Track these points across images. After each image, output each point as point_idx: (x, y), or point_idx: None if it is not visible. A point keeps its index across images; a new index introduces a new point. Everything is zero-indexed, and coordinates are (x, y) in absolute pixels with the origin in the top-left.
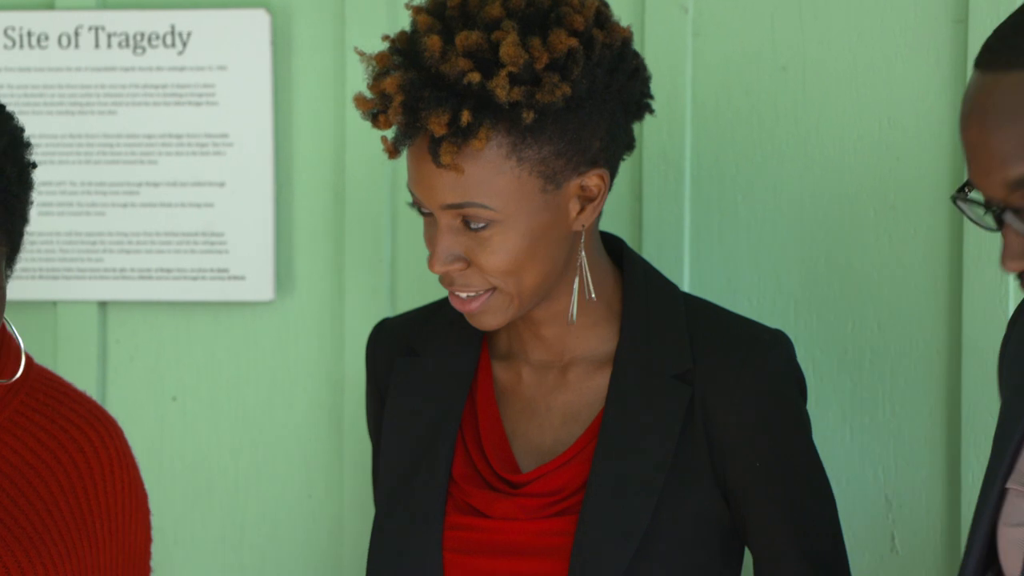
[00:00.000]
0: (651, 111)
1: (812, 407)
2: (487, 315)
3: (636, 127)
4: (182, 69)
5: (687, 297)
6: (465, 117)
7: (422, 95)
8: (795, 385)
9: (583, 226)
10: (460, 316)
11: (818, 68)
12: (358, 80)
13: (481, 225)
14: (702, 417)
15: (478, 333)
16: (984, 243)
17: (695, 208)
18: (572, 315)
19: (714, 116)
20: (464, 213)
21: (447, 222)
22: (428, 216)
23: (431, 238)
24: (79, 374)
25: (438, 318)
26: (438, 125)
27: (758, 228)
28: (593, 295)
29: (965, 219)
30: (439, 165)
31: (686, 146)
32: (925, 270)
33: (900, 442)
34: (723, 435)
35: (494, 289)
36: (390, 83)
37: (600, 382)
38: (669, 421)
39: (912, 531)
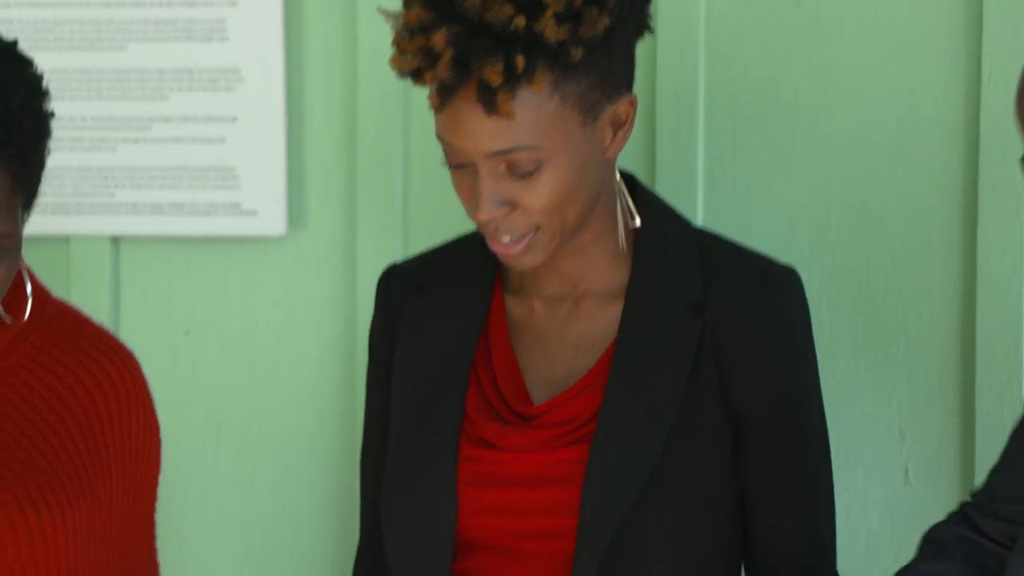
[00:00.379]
0: (651, 30)
1: (826, 342)
2: (530, 255)
3: (650, 65)
4: (193, 4)
5: (699, 231)
6: (520, 63)
7: (471, 47)
8: (806, 320)
9: (615, 153)
10: (469, 254)
11: (832, 3)
12: (370, 14)
13: (528, 168)
14: (713, 348)
15: (490, 269)
16: (999, 178)
17: (709, 145)
18: (621, 243)
19: (728, 52)
20: (510, 158)
21: (490, 168)
22: (460, 168)
23: (468, 188)
24: (92, 309)
25: (448, 258)
26: (494, 74)
27: (772, 164)
28: (637, 219)
29: (980, 153)
30: (493, 114)
31: (699, 83)
32: (939, 204)
33: (914, 376)
34: (734, 366)
35: (537, 229)
36: (439, 39)
37: (612, 314)
38: (681, 352)
39: (926, 463)
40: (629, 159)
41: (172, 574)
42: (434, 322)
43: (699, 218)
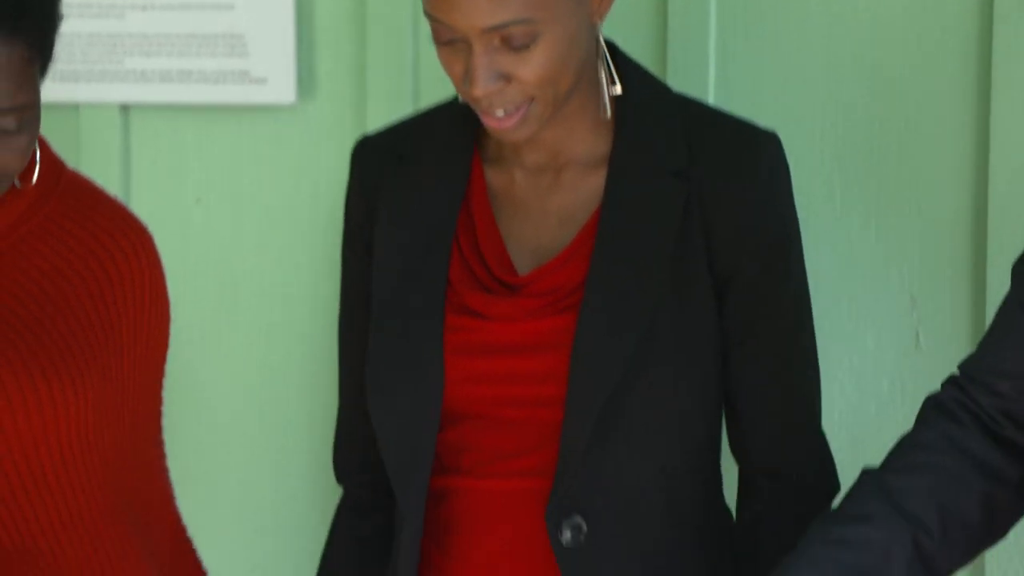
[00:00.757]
0: None
1: (838, 208)
2: (525, 127)
3: None
4: None
5: (681, 97)
6: None
7: None
8: (788, 184)
9: (601, 17)
10: (446, 124)
11: None
12: None
13: (523, 41)
14: (698, 213)
15: (468, 138)
16: (1013, 40)
17: (721, 11)
18: (604, 110)
19: None
20: (505, 33)
21: (485, 44)
22: (450, 44)
23: (459, 64)
24: (102, 178)
25: (424, 128)
26: None
27: (785, 28)
28: (617, 87)
29: (994, 14)
30: None
31: None
32: (953, 68)
33: (926, 241)
34: (719, 230)
35: (531, 101)
36: None
37: (595, 183)
38: (666, 217)
39: (936, 329)
40: (639, 40)
41: (183, 441)
42: (414, 192)
43: (711, 83)
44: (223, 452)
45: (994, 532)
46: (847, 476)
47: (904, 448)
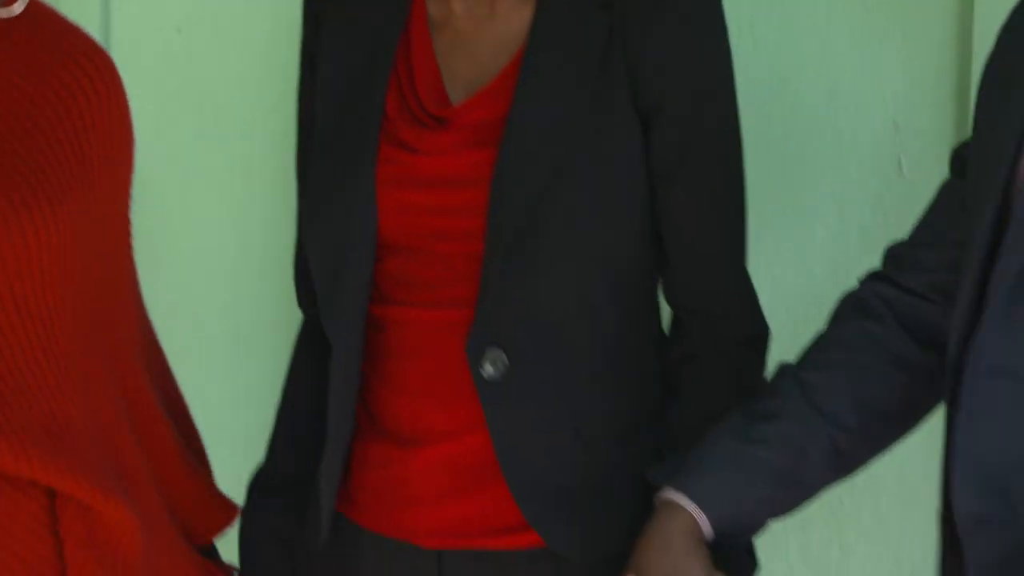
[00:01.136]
0: None
1: (823, 33)
2: None
3: None
4: None
5: None
6: None
7: None
8: (718, 14)
9: None
10: None
11: None
12: None
13: None
14: (622, 46)
15: None
16: None
17: None
18: None
19: None
20: None
21: None
22: None
23: None
24: (81, 5)
25: None
26: None
27: None
28: None
29: None
30: None
31: None
32: None
33: (910, 68)
34: (642, 61)
35: None
36: None
37: (527, 14)
38: (589, 50)
39: (920, 155)
40: None
41: (156, 267)
42: (354, 23)
43: None
44: (203, 281)
45: (908, 425)
46: (830, 304)
47: (822, 344)
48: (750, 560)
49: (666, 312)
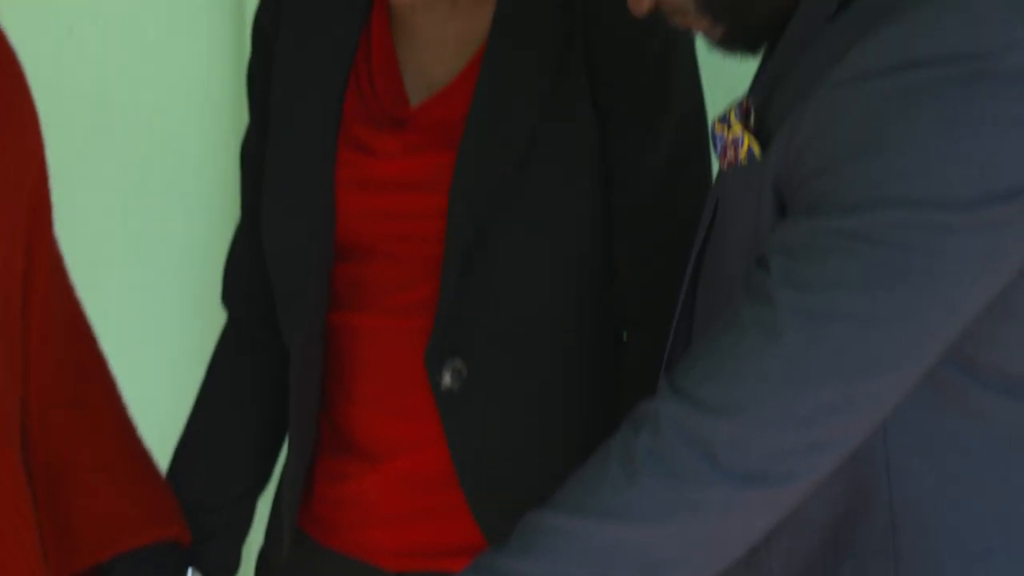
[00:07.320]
0: None
1: None
2: None
3: None
4: None
5: None
6: None
7: None
8: None
9: None
10: None
11: None
12: None
13: None
14: (582, 43)
15: None
16: None
17: None
18: None
19: None
20: None
21: None
22: None
23: None
24: None
25: None
26: None
27: None
28: None
29: None
30: None
31: None
32: None
33: None
34: (602, 60)
35: None
36: None
37: (489, 10)
38: (548, 48)
39: None
40: None
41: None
42: (314, 23)
43: None
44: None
45: None
46: None
47: None
48: None
49: None
